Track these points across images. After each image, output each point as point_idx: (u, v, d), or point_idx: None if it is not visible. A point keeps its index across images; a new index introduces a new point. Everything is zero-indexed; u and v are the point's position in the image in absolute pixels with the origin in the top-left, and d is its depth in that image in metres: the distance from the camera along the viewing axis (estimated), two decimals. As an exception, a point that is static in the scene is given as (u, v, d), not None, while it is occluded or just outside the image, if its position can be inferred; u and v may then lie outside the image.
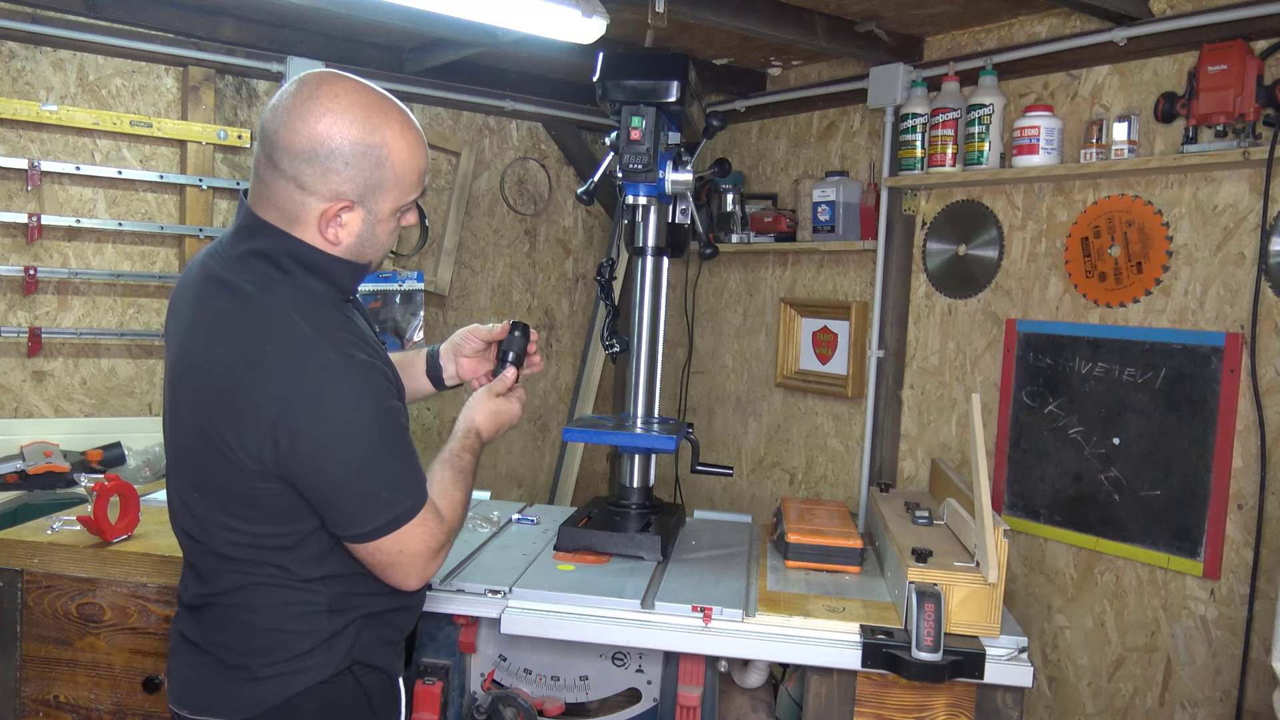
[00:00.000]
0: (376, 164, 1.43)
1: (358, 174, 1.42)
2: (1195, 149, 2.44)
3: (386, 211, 1.48)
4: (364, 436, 1.41)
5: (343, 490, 1.42)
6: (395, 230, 1.53)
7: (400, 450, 1.47)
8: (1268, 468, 2.40)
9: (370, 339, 1.53)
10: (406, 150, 1.46)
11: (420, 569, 1.49)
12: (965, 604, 1.75)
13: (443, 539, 1.51)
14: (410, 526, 1.46)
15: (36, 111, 3.02)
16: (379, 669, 1.56)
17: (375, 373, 1.44)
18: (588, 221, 4.43)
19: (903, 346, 3.32)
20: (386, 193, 1.46)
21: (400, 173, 1.46)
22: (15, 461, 2.91)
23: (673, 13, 2.53)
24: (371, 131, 1.42)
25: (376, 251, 1.52)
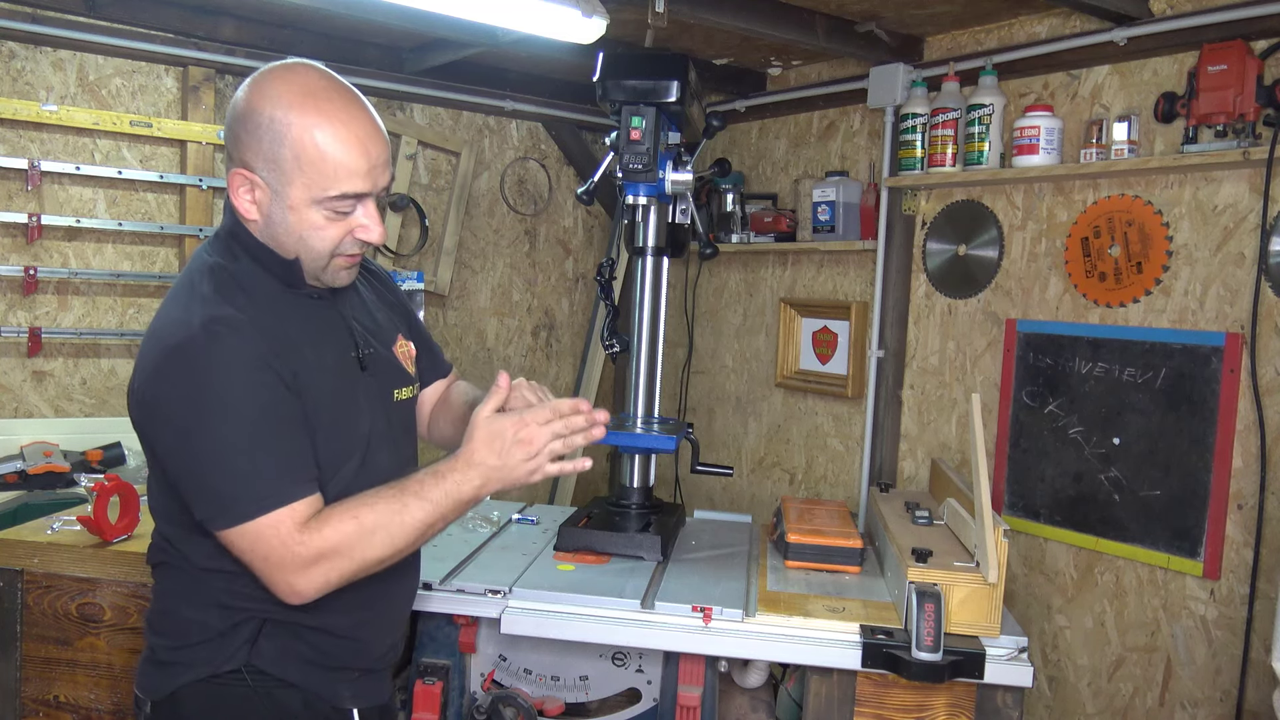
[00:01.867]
0: (277, 141, 1.37)
1: (259, 146, 1.38)
2: (1195, 149, 2.44)
3: (297, 199, 1.39)
4: (203, 413, 1.32)
5: (179, 467, 1.36)
6: (327, 233, 1.42)
7: (247, 435, 1.33)
8: (1268, 468, 2.40)
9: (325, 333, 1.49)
10: (320, 138, 1.36)
11: (280, 579, 1.34)
12: (965, 604, 1.75)
13: (311, 555, 1.33)
14: (258, 526, 1.32)
15: (36, 111, 3.02)
16: (292, 685, 1.47)
17: (246, 346, 1.34)
18: (588, 221, 4.43)
19: (903, 346, 3.32)
20: (290, 176, 1.38)
21: (306, 159, 1.36)
22: (15, 461, 2.91)
23: (673, 13, 2.53)
24: (287, 111, 1.36)
25: (294, 241, 1.42)
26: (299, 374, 1.40)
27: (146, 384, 1.36)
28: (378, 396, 1.57)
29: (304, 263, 1.46)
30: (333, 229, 1.42)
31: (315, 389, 1.43)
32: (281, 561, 1.34)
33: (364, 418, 1.52)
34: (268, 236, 1.44)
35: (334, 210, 1.41)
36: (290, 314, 1.46)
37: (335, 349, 1.51)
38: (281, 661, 1.47)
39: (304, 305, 1.48)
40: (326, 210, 1.40)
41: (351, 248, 1.46)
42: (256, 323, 1.38)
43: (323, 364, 1.46)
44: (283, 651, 1.47)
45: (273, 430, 1.35)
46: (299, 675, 1.49)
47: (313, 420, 1.42)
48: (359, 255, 1.51)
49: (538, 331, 4.33)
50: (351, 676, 1.54)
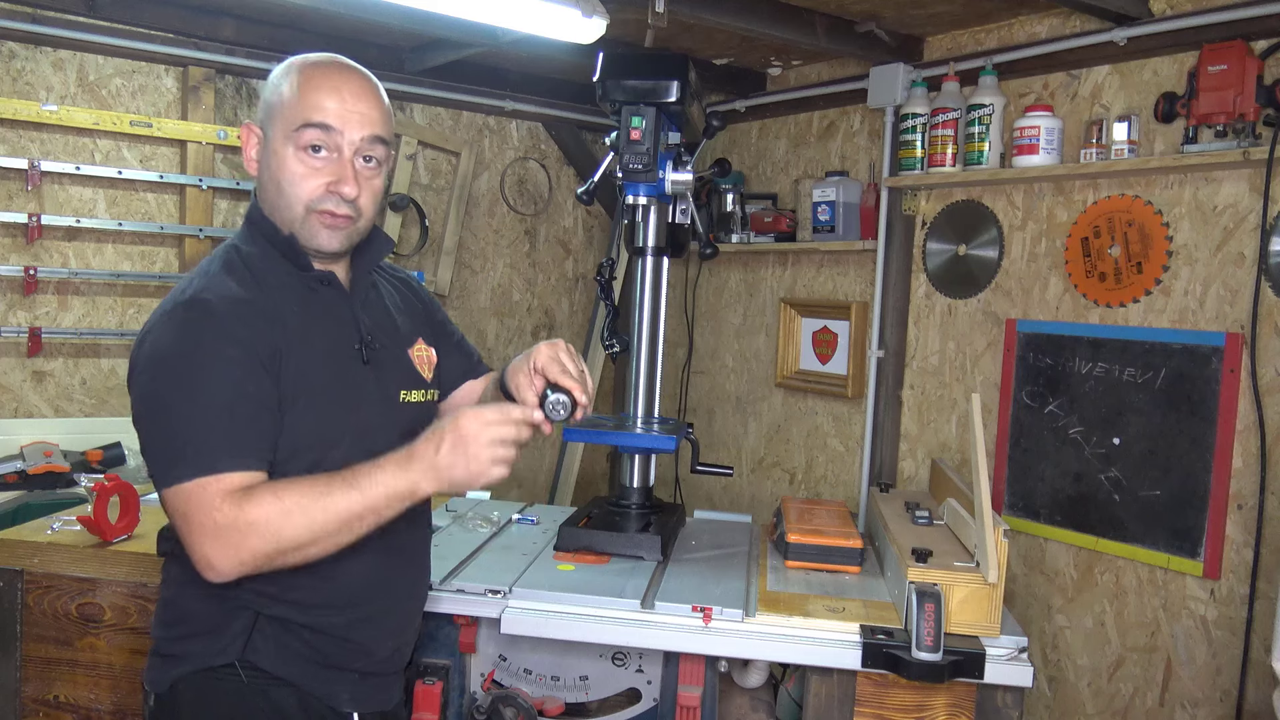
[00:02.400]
0: (270, 91, 1.49)
1: (263, 97, 1.51)
2: (1195, 149, 2.44)
3: (276, 139, 1.46)
4: (163, 373, 1.36)
5: (140, 427, 1.39)
6: (300, 174, 1.45)
7: (202, 403, 1.34)
8: (1268, 468, 2.40)
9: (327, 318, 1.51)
10: (300, 77, 1.46)
11: (197, 546, 1.32)
12: (965, 604, 1.75)
13: (227, 524, 1.31)
14: (188, 489, 1.32)
15: (36, 111, 3.02)
16: (288, 683, 1.47)
17: (223, 322, 1.37)
18: (588, 221, 4.43)
19: (903, 346, 3.32)
20: (273, 118, 1.47)
21: (289, 96, 1.45)
22: (15, 461, 2.91)
23: (673, 13, 2.53)
24: (286, 69, 1.49)
25: (275, 191, 1.47)
26: (282, 354, 1.42)
27: (133, 349, 1.43)
28: (379, 391, 1.56)
29: (282, 220, 1.48)
30: (309, 177, 1.45)
31: (300, 370, 1.44)
32: (201, 527, 1.32)
33: (359, 408, 1.52)
34: (261, 191, 1.51)
35: (302, 146, 1.44)
36: (293, 298, 1.48)
37: (336, 337, 1.52)
38: (276, 658, 1.47)
39: (313, 291, 1.51)
40: (296, 148, 1.44)
41: (327, 202, 1.46)
42: (252, 303, 1.42)
43: (316, 348, 1.47)
44: (278, 648, 1.47)
45: (228, 403, 1.36)
46: (295, 673, 1.48)
47: (292, 400, 1.42)
48: (342, 217, 1.48)
49: (538, 331, 4.33)
50: (351, 678, 1.53)
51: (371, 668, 1.56)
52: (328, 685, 1.51)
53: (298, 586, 1.46)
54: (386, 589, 1.57)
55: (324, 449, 1.47)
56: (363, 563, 1.51)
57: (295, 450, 1.43)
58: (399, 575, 1.59)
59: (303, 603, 1.46)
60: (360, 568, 1.51)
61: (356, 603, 1.52)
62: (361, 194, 1.48)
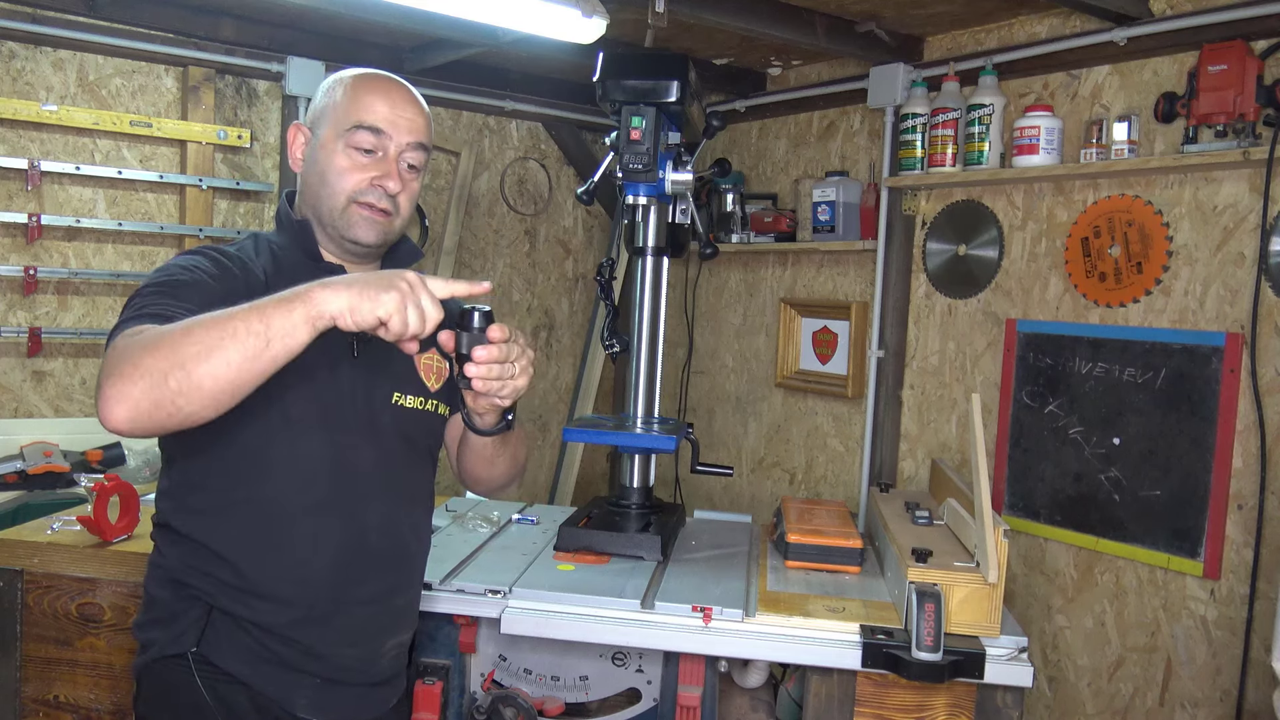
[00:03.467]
0: (327, 92, 1.57)
1: (315, 100, 1.59)
2: (1195, 149, 2.44)
3: (326, 136, 1.53)
4: (150, 277, 1.42)
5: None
6: (345, 170, 1.50)
7: (164, 278, 1.39)
8: (1268, 468, 2.40)
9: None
10: (357, 83, 1.55)
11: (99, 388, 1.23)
12: (965, 604, 1.75)
13: (121, 346, 1.24)
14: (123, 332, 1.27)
15: (36, 111, 3.02)
16: (239, 682, 1.44)
17: (215, 261, 1.46)
18: (588, 221, 4.43)
19: (903, 346, 3.32)
20: (326, 116, 1.55)
21: (342, 99, 1.54)
22: (15, 461, 2.91)
23: (673, 13, 2.53)
24: (339, 77, 1.58)
25: (318, 181, 1.53)
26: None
27: None
28: (364, 387, 1.53)
29: (323, 212, 1.53)
30: (354, 171, 1.52)
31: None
32: (104, 367, 1.24)
33: (330, 396, 1.48)
34: (304, 185, 1.58)
35: (352, 145, 1.51)
36: (298, 280, 1.38)
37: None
38: (228, 654, 1.44)
39: (319, 278, 1.46)
40: (346, 145, 1.51)
41: (369, 195, 1.51)
42: (246, 265, 1.49)
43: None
44: (230, 644, 1.45)
45: (180, 271, 1.41)
46: (246, 671, 1.45)
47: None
48: (382, 211, 1.52)
49: (538, 331, 4.33)
50: (310, 683, 1.48)
51: (334, 674, 1.50)
52: (283, 688, 1.47)
53: (244, 576, 1.44)
54: (341, 590, 1.50)
55: (285, 430, 1.44)
56: (315, 561, 1.47)
57: (257, 424, 1.41)
58: (361, 580, 1.52)
59: (248, 593, 1.44)
60: (311, 565, 1.47)
61: (298, 601, 1.47)
62: (402, 192, 1.55)
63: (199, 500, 1.46)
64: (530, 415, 4.31)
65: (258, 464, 1.45)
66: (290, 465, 1.46)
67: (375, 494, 1.54)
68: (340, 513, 1.50)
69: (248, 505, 1.46)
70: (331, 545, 1.49)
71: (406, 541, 1.61)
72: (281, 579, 1.46)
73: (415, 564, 1.65)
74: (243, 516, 1.45)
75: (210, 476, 1.46)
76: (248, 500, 1.46)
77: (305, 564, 1.47)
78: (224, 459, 1.45)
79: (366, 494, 1.53)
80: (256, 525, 1.46)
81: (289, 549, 1.46)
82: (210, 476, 1.46)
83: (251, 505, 1.46)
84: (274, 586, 1.46)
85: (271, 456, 1.45)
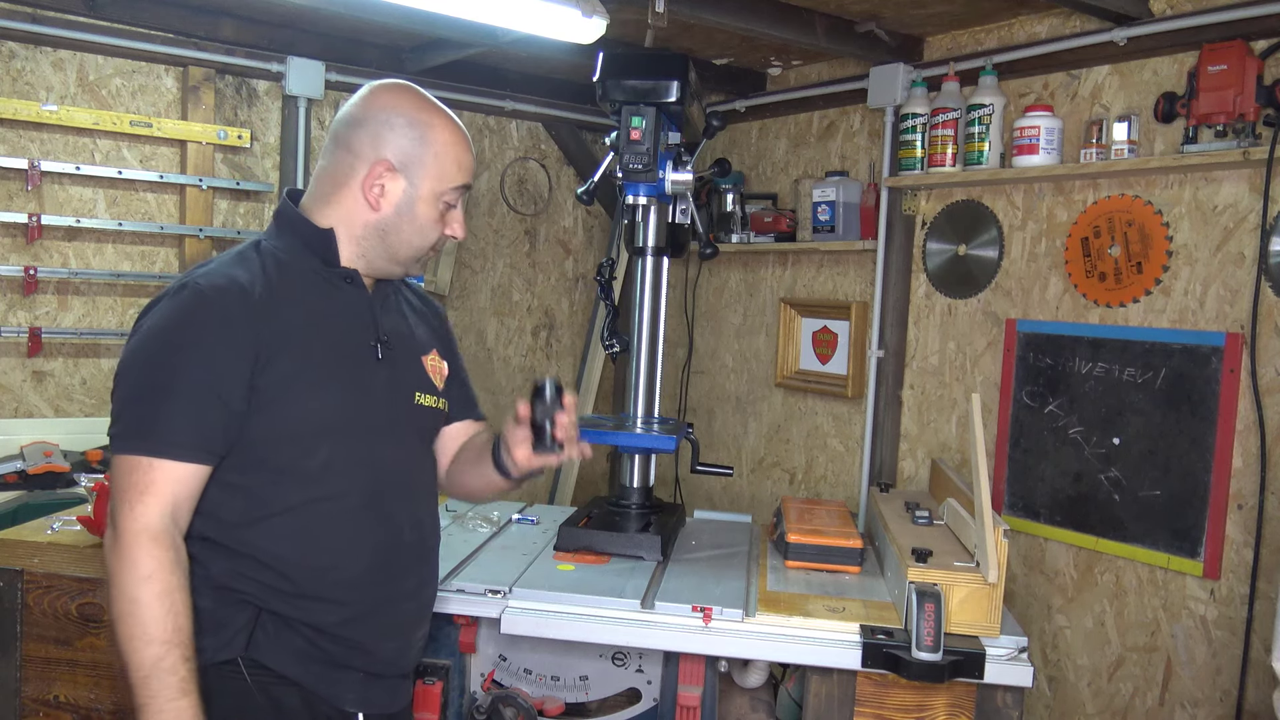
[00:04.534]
0: (420, 139, 1.54)
1: (403, 142, 1.53)
2: (1195, 149, 2.44)
3: (427, 190, 1.54)
4: (145, 346, 1.43)
5: (115, 386, 1.45)
6: (436, 221, 1.57)
7: (162, 377, 1.39)
8: (1268, 468, 2.40)
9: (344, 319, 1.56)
10: (448, 135, 1.56)
11: (111, 522, 1.38)
12: (965, 604, 1.75)
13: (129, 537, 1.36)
14: (119, 461, 1.39)
15: (36, 111, 3.02)
16: (291, 682, 1.48)
17: (220, 308, 1.42)
18: (588, 221, 4.43)
19: (903, 346, 3.32)
20: (427, 169, 1.54)
21: (441, 153, 1.54)
22: (15, 461, 2.91)
23: (673, 13, 2.53)
24: (419, 111, 1.55)
25: (413, 231, 1.56)
26: (296, 344, 1.46)
27: (139, 317, 1.50)
28: (391, 389, 1.59)
29: (402, 253, 1.57)
30: (440, 224, 1.59)
31: (314, 360, 1.48)
32: (121, 509, 1.37)
33: (366, 402, 1.55)
34: (380, 226, 1.55)
35: (446, 203, 1.58)
36: (313, 289, 1.53)
37: (351, 332, 1.56)
38: (279, 655, 1.47)
39: (335, 286, 1.56)
40: (444, 202, 1.57)
41: (440, 243, 1.62)
42: (249, 294, 1.45)
43: (326, 339, 1.52)
44: (280, 645, 1.47)
45: (190, 392, 1.40)
46: (298, 671, 1.48)
47: (284, 387, 1.45)
48: (439, 250, 1.67)
49: (538, 331, 4.33)
50: (355, 678, 1.53)
51: (376, 668, 1.56)
52: (332, 685, 1.51)
53: (294, 580, 1.47)
54: (384, 587, 1.56)
55: (323, 436, 1.49)
56: (360, 560, 1.52)
57: (288, 434, 1.46)
58: (400, 576, 1.59)
59: (299, 596, 1.47)
60: (357, 564, 1.52)
61: (350, 600, 1.51)
62: None
63: (234, 514, 1.46)
64: (530, 415, 4.30)
65: (293, 474, 1.48)
66: (331, 470, 1.50)
67: (405, 491, 1.61)
68: (379, 511, 1.55)
69: (292, 513, 1.48)
70: (373, 543, 1.54)
71: (430, 535, 1.68)
72: (330, 580, 1.50)
73: (436, 557, 1.71)
74: (288, 523, 1.47)
75: (244, 491, 1.46)
76: (291, 509, 1.48)
77: (352, 564, 1.52)
78: (259, 474, 1.46)
79: (399, 491, 1.59)
80: (303, 530, 1.48)
81: (336, 550, 1.50)
82: (244, 491, 1.46)
83: (296, 512, 1.48)
84: (323, 588, 1.49)
85: (309, 465, 1.48)
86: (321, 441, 1.49)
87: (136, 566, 1.35)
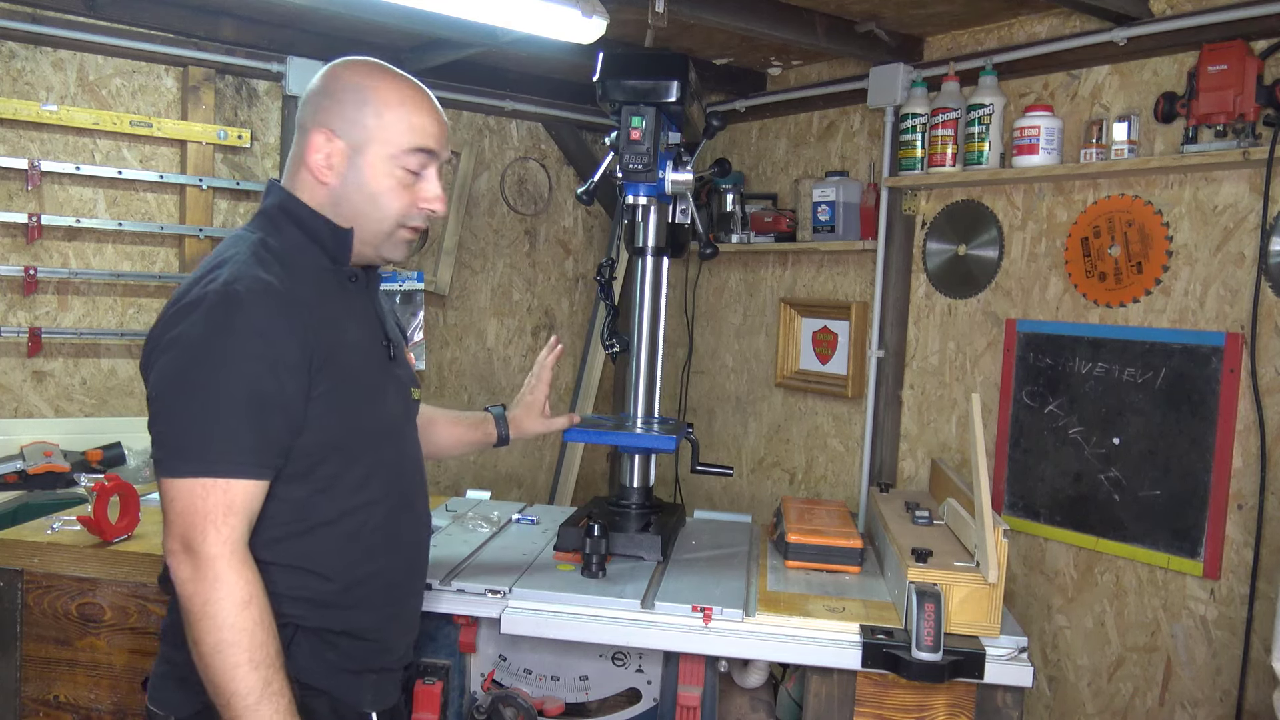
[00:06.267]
0: (361, 102, 1.47)
1: (345, 109, 1.47)
2: (1195, 149, 2.44)
3: (373, 155, 1.47)
4: (194, 360, 1.34)
5: (156, 407, 1.37)
6: (393, 191, 1.49)
7: (218, 391, 1.32)
8: (1268, 468, 2.40)
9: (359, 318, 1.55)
10: (395, 95, 1.48)
11: (176, 545, 1.32)
12: (965, 604, 1.75)
13: (208, 557, 1.30)
14: (188, 485, 1.31)
15: (36, 111, 3.02)
16: (322, 692, 1.47)
17: (268, 311, 1.35)
18: (588, 221, 4.43)
19: (903, 346, 3.32)
20: (369, 131, 1.47)
21: (384, 113, 1.47)
22: (15, 461, 2.91)
23: (673, 13, 2.53)
24: (365, 78, 1.49)
25: (364, 200, 1.48)
26: (332, 350, 1.42)
27: (159, 329, 1.40)
28: (399, 388, 1.62)
29: (367, 230, 1.50)
30: (403, 192, 1.50)
31: (347, 366, 1.45)
32: (189, 532, 1.31)
33: (387, 405, 1.56)
34: (333, 201, 1.49)
35: (407, 168, 1.49)
36: (329, 291, 1.49)
37: (368, 333, 1.55)
38: (313, 669, 1.47)
39: (342, 284, 1.52)
40: (400, 168, 1.48)
41: (415, 219, 1.53)
42: (283, 293, 1.39)
43: (349, 342, 1.48)
44: (314, 659, 1.47)
45: (244, 403, 1.33)
46: (328, 681, 1.48)
47: (338, 397, 1.43)
48: (420, 231, 1.56)
49: (538, 331, 4.33)
50: (371, 679, 1.55)
51: (390, 664, 1.59)
52: (354, 690, 1.52)
53: (338, 588, 1.47)
54: (404, 587, 1.60)
55: (376, 440, 1.50)
56: (401, 561, 1.56)
57: (333, 442, 1.44)
58: (410, 574, 1.63)
59: (339, 606, 1.47)
60: (399, 566, 1.56)
61: (388, 602, 1.55)
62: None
63: (281, 528, 1.43)
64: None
65: (340, 482, 1.47)
66: (369, 479, 1.50)
67: (423, 487, 1.67)
68: (412, 511, 1.61)
69: (333, 524, 1.47)
70: (405, 545, 1.58)
71: (427, 535, 1.72)
72: (369, 585, 1.51)
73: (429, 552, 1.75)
74: (329, 534, 1.47)
75: (293, 502, 1.43)
76: (333, 519, 1.47)
77: (388, 568, 1.54)
78: (308, 484, 1.44)
79: (420, 489, 1.65)
80: (344, 539, 1.48)
81: (374, 557, 1.51)
82: (293, 502, 1.43)
83: (337, 523, 1.47)
84: (367, 593, 1.51)
85: (354, 474, 1.48)
86: (364, 449, 1.48)
87: (235, 592, 1.31)
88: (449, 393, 4.07)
